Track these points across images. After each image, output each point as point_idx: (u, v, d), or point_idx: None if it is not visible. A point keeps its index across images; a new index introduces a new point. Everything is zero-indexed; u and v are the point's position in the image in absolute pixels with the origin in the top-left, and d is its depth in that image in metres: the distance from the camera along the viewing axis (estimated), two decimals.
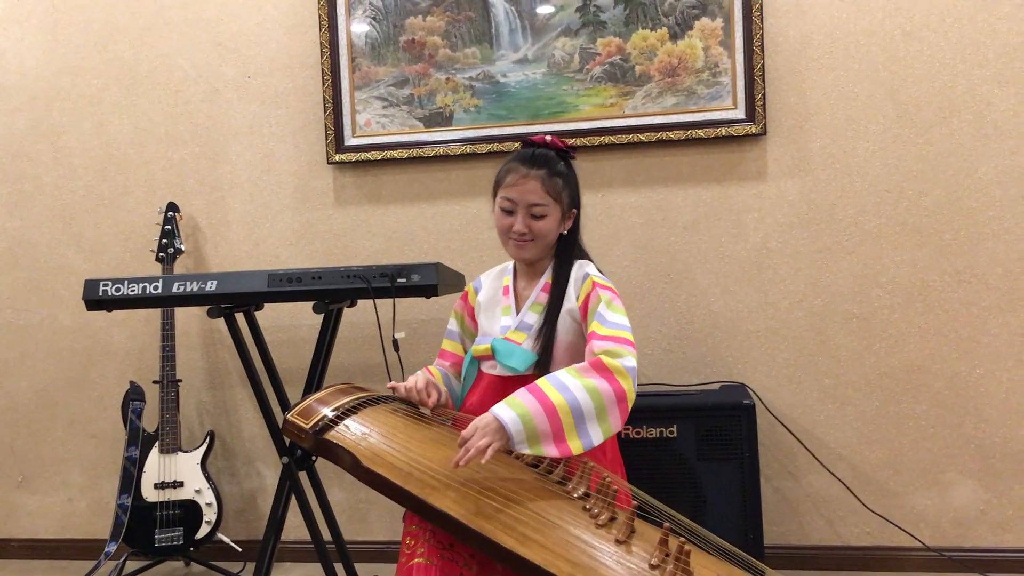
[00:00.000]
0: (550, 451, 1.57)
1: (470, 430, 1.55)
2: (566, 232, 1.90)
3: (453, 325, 2.09)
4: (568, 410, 1.57)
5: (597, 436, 1.60)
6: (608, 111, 2.65)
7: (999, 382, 2.51)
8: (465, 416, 1.82)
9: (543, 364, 1.81)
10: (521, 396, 1.59)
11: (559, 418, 1.56)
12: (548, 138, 1.89)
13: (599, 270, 1.89)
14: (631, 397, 1.63)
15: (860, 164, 2.56)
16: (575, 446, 1.58)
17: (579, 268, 1.88)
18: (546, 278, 1.89)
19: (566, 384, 1.60)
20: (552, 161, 1.85)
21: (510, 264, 2.00)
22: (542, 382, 1.62)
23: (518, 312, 1.90)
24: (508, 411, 1.55)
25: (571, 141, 1.97)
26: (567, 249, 1.90)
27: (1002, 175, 2.48)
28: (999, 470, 2.52)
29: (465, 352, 2.06)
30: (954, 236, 2.52)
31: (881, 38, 2.53)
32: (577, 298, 1.83)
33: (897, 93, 2.53)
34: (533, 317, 1.87)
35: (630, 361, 1.65)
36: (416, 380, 1.87)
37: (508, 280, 1.96)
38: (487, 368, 1.91)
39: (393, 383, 1.89)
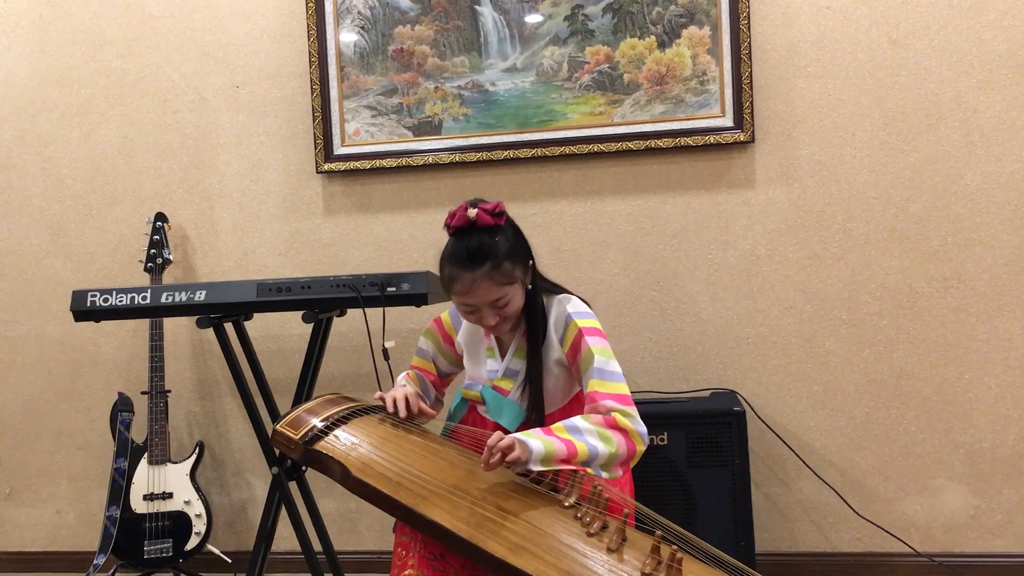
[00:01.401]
0: (559, 467, 1.60)
1: (495, 437, 1.55)
2: (530, 285, 1.82)
3: (426, 345, 2.04)
4: (586, 451, 1.60)
5: (599, 474, 1.64)
6: (597, 119, 2.65)
7: (987, 387, 2.52)
8: (459, 427, 1.83)
9: (534, 422, 1.78)
10: (545, 436, 1.60)
11: (576, 457, 1.59)
12: (472, 214, 1.72)
13: (583, 301, 1.84)
14: (637, 460, 1.68)
15: (848, 171, 2.57)
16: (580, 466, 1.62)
17: (557, 306, 1.83)
18: (524, 323, 1.84)
19: (580, 429, 1.62)
20: (489, 249, 1.71)
21: None
22: (559, 428, 1.62)
23: (503, 356, 1.87)
24: (534, 440, 1.57)
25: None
26: (535, 299, 1.83)
27: (988, 181, 2.50)
28: (988, 475, 2.53)
29: (437, 371, 2.05)
30: (941, 242, 2.53)
31: (868, 46, 2.55)
32: (562, 344, 1.80)
33: (884, 101, 2.55)
34: (518, 363, 1.84)
35: (643, 427, 1.67)
36: (406, 395, 1.85)
37: None
38: (481, 411, 1.90)
39: (381, 393, 1.88)
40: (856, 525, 2.58)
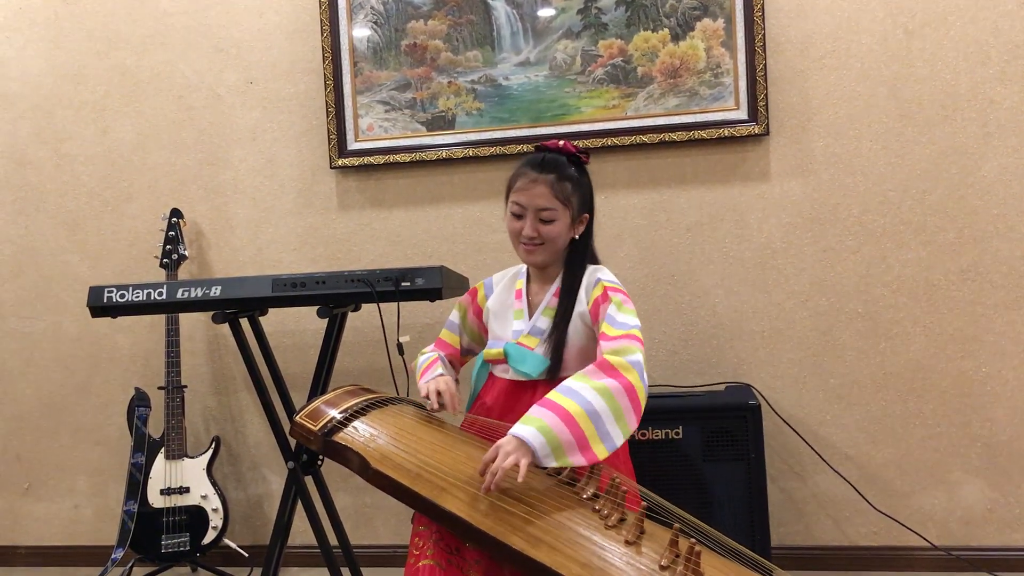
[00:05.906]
0: (577, 460, 1.53)
1: (492, 452, 1.52)
2: (577, 237, 1.88)
3: (455, 317, 2.07)
4: (585, 415, 1.54)
5: (619, 436, 1.57)
6: (610, 113, 2.65)
7: (1005, 380, 2.51)
8: (476, 418, 1.83)
9: (554, 369, 1.80)
10: (535, 411, 1.56)
11: (579, 425, 1.53)
12: (561, 143, 1.87)
13: (613, 275, 1.88)
14: (640, 390, 1.60)
15: (863, 163, 2.56)
16: (600, 451, 1.54)
17: (591, 274, 1.86)
18: (558, 283, 1.87)
19: (575, 390, 1.58)
20: (562, 166, 1.83)
21: (523, 268, 1.98)
22: (553, 394, 1.59)
23: (531, 317, 1.88)
24: (526, 427, 1.53)
25: (581, 143, 1.97)
26: (578, 254, 1.88)
27: (1006, 173, 2.48)
28: (1006, 469, 2.51)
29: (460, 347, 2.06)
30: (958, 234, 2.52)
31: (883, 37, 2.53)
32: (588, 302, 1.82)
33: (899, 92, 2.53)
34: (545, 322, 1.85)
35: (635, 356, 1.63)
36: (438, 389, 1.84)
37: (521, 284, 1.94)
38: (499, 372, 1.90)
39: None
40: (873, 519, 2.57)
